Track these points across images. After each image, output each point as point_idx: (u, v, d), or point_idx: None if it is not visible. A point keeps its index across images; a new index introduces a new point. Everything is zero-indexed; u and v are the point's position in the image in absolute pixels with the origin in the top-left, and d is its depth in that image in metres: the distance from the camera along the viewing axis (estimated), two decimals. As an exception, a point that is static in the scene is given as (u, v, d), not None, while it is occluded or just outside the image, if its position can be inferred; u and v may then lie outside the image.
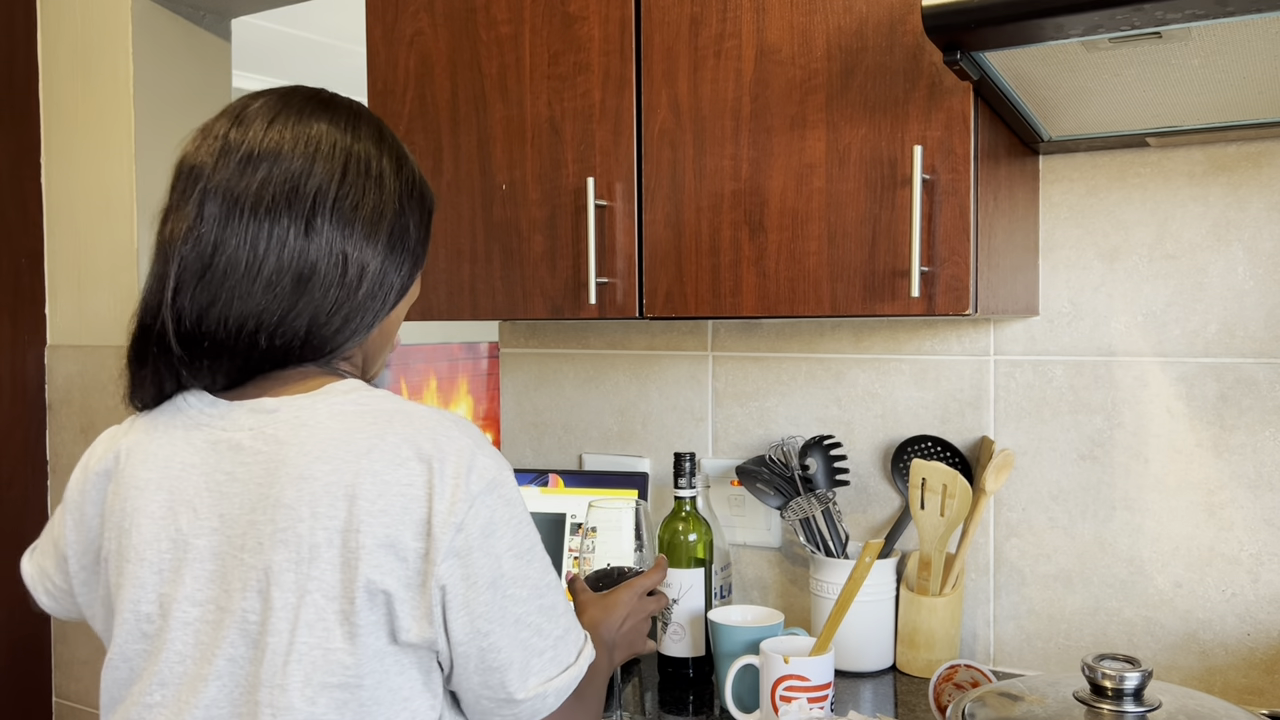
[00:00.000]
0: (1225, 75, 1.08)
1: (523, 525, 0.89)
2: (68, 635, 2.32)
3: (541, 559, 0.90)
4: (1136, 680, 0.96)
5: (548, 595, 0.90)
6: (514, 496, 0.88)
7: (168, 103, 2.21)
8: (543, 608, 0.89)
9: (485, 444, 0.89)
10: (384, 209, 0.92)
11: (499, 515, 0.86)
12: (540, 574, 0.89)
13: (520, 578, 0.87)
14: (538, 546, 0.90)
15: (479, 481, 0.85)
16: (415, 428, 0.86)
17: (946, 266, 1.20)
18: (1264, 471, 1.39)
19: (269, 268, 0.87)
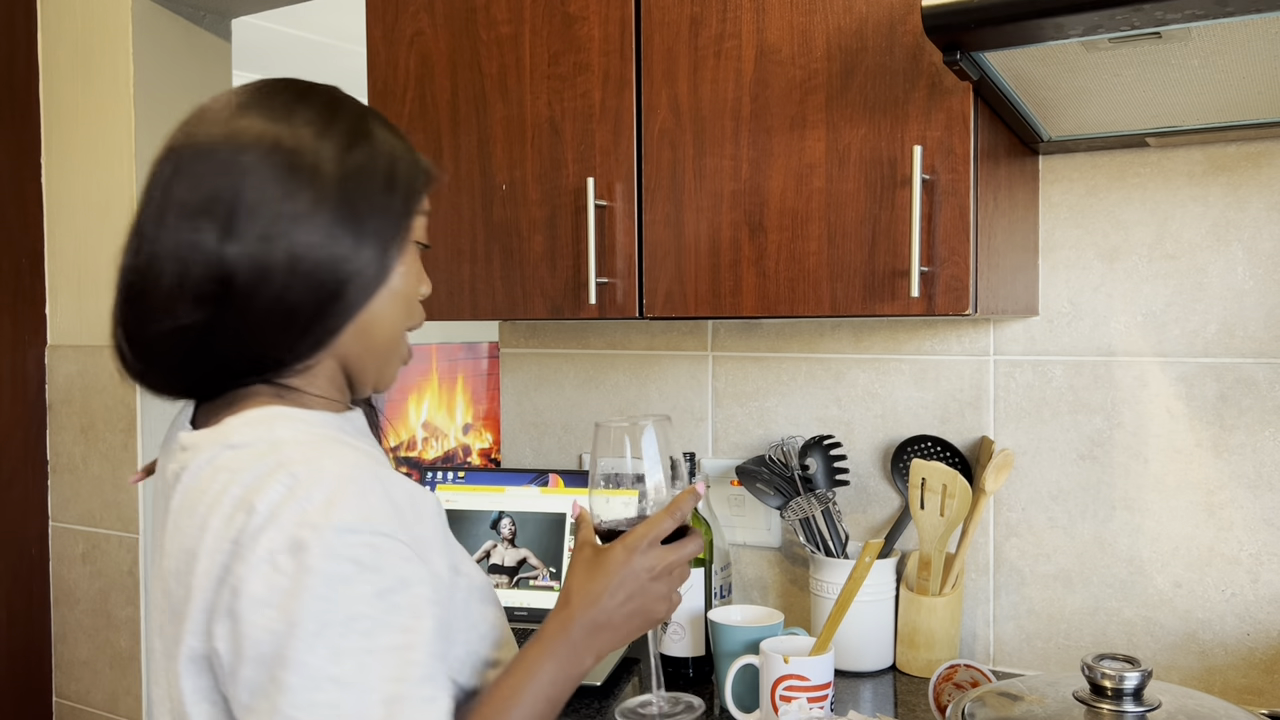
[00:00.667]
0: (1225, 75, 1.08)
1: (321, 599, 0.73)
2: (68, 635, 2.32)
3: (331, 643, 0.73)
4: (1136, 680, 0.96)
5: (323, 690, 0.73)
6: (315, 564, 0.74)
7: (168, 103, 2.21)
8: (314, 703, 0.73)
9: (311, 493, 0.76)
10: (323, 199, 0.83)
11: (283, 584, 0.74)
12: (325, 662, 0.73)
13: (298, 663, 0.73)
14: (339, 625, 0.73)
15: (268, 542, 0.75)
16: (245, 483, 0.79)
17: (946, 266, 1.20)
18: (1264, 471, 1.39)
19: (192, 278, 0.81)
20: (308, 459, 0.78)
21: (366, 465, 0.80)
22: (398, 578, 0.76)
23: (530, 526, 1.75)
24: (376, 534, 0.76)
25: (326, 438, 0.83)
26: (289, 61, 4.56)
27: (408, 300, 0.91)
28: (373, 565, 0.75)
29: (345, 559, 0.74)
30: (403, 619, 0.76)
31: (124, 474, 2.19)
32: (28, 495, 2.30)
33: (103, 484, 2.22)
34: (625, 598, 0.87)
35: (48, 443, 2.33)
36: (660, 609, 0.89)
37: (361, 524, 0.76)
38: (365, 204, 0.85)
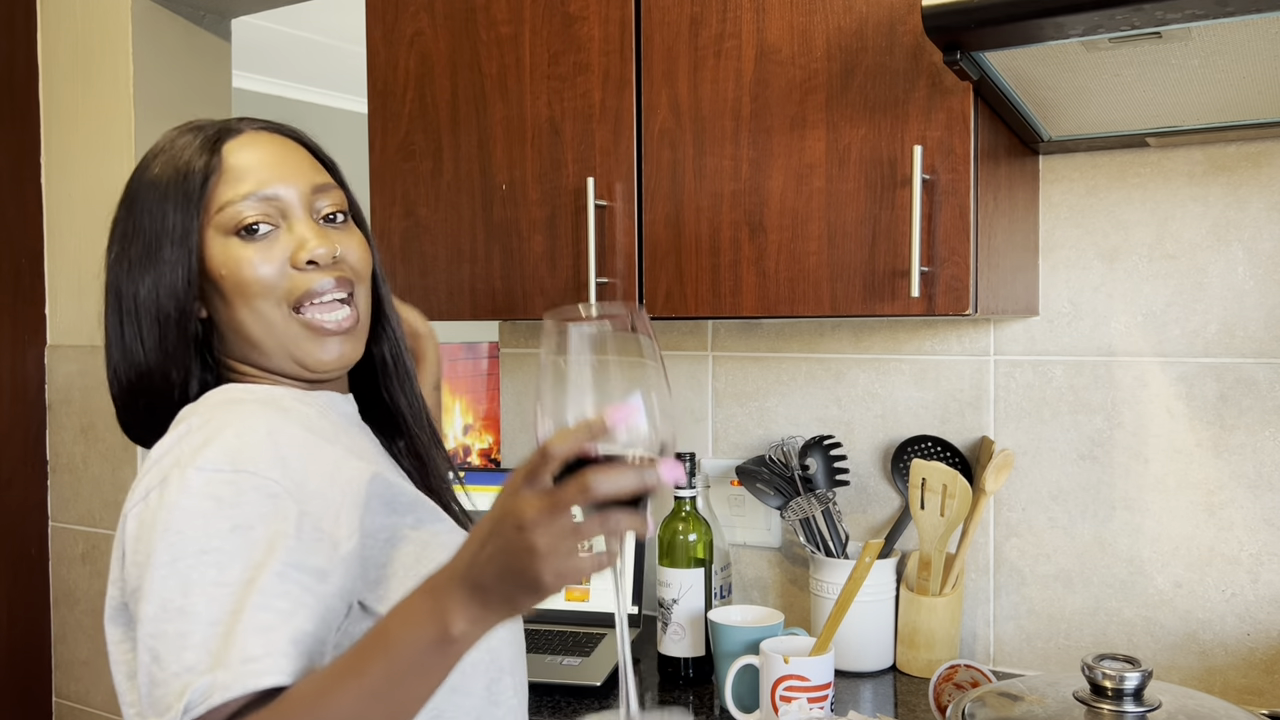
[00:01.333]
0: (1225, 75, 1.08)
1: (175, 532, 0.77)
2: (67, 635, 2.32)
3: (182, 574, 0.75)
4: (1136, 680, 0.96)
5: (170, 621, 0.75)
6: (173, 499, 0.78)
7: (168, 103, 2.20)
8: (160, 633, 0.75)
9: (193, 438, 0.82)
10: (115, 218, 0.95)
11: (148, 518, 0.79)
12: (175, 593, 0.75)
13: (151, 593, 0.76)
14: (190, 557, 0.76)
15: (146, 481, 0.82)
16: (162, 441, 0.86)
17: (946, 266, 1.20)
18: (1264, 471, 1.39)
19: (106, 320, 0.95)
20: (210, 413, 0.84)
21: (267, 418, 0.84)
22: (257, 514, 0.78)
23: (530, 526, 1.74)
24: (240, 472, 0.79)
25: (253, 399, 0.89)
26: (289, 61, 4.56)
27: (244, 289, 0.91)
28: (231, 501, 0.78)
29: (204, 495, 0.77)
30: (255, 554, 0.77)
31: (124, 474, 2.19)
32: (27, 495, 2.30)
33: (102, 484, 2.22)
34: (494, 551, 0.68)
35: (47, 443, 2.33)
36: (537, 570, 0.66)
37: (225, 463, 0.79)
38: (135, 203, 0.93)
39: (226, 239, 0.91)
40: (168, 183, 0.91)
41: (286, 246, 0.92)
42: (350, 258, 0.95)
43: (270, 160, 0.93)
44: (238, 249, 0.91)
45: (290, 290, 0.91)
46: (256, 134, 0.95)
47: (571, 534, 0.66)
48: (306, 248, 0.91)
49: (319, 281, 0.92)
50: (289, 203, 0.93)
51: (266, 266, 0.91)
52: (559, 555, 0.66)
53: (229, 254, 0.91)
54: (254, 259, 0.91)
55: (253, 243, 0.91)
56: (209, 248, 0.91)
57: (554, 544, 0.66)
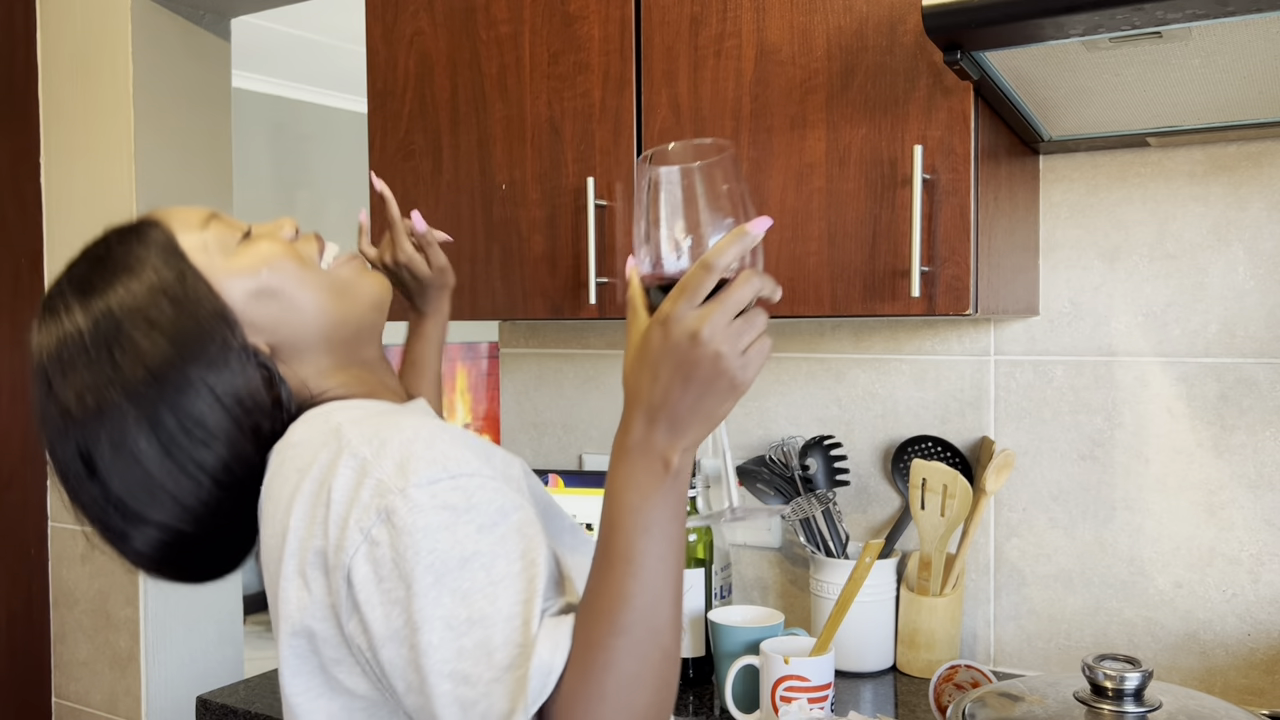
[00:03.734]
0: (1225, 75, 1.08)
1: (428, 553, 0.76)
2: (67, 635, 2.32)
3: (454, 589, 0.74)
4: (1137, 681, 0.96)
5: None
6: (408, 524, 0.77)
7: (168, 103, 2.20)
8: None
9: (385, 463, 0.80)
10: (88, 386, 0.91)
11: (384, 554, 0.79)
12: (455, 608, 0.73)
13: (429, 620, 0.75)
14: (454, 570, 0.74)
15: (355, 521, 0.80)
16: (315, 477, 0.81)
17: (947, 266, 1.20)
18: (1264, 471, 1.39)
19: None
20: (367, 436, 0.77)
21: (431, 423, 0.78)
22: (495, 509, 0.74)
23: (530, 527, 1.74)
24: (458, 476, 0.74)
25: (383, 411, 0.83)
26: (289, 61, 4.56)
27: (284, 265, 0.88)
28: (466, 506, 0.73)
29: (437, 508, 0.72)
30: (512, 545, 0.73)
31: (124, 474, 2.19)
32: (27, 496, 2.30)
33: (102, 484, 2.22)
34: (681, 380, 0.70)
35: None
36: (729, 372, 0.70)
37: (440, 472, 0.74)
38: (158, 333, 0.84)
39: (232, 253, 0.88)
40: (149, 280, 0.85)
41: (269, 230, 0.91)
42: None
43: (179, 207, 0.93)
44: (248, 249, 0.88)
45: (309, 256, 0.91)
46: (148, 212, 0.93)
47: (747, 328, 0.70)
48: (283, 225, 0.91)
49: (314, 241, 0.92)
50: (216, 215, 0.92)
51: (277, 242, 0.90)
52: (745, 353, 0.70)
53: (246, 257, 0.87)
54: (268, 245, 0.89)
55: (251, 241, 0.89)
56: (222, 276, 0.86)
57: (737, 344, 0.70)
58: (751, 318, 0.71)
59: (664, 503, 0.72)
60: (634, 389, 0.72)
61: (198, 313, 0.84)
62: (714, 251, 0.70)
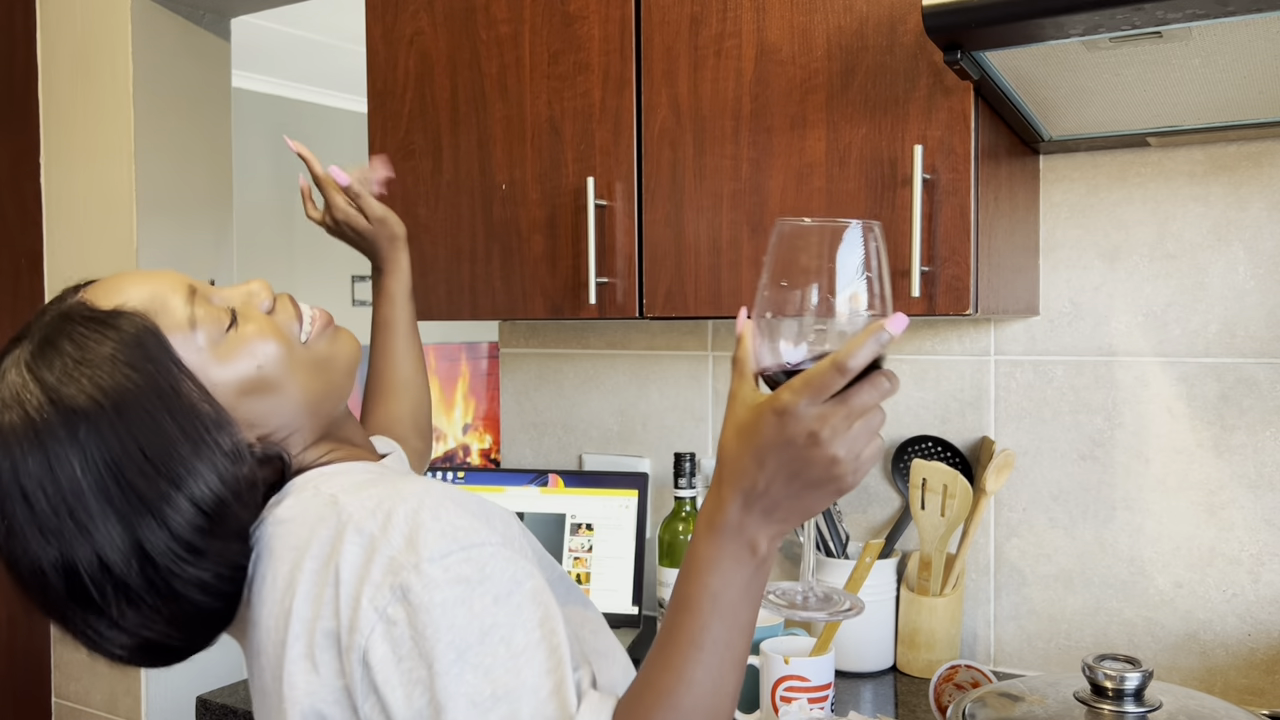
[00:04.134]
0: (1226, 75, 1.08)
1: (448, 629, 0.75)
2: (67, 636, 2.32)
3: (475, 665, 0.73)
4: (1137, 681, 0.95)
5: None
6: (424, 601, 0.74)
7: (168, 102, 2.20)
8: None
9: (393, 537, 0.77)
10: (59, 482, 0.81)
11: (402, 633, 0.77)
12: (479, 684, 0.73)
13: (454, 697, 0.73)
14: (475, 646, 0.74)
15: (368, 600, 0.77)
16: (317, 555, 0.79)
17: (947, 266, 1.20)
18: (1265, 471, 1.39)
19: None
20: (370, 509, 0.74)
21: (428, 488, 0.76)
22: (509, 579, 0.73)
23: (530, 527, 1.74)
24: (468, 548, 0.73)
25: (373, 479, 0.81)
26: (289, 61, 4.56)
27: (272, 354, 0.84)
28: (479, 577, 0.72)
29: (451, 583, 0.71)
30: (529, 614, 0.73)
31: (124, 474, 2.19)
32: (27, 495, 2.30)
33: (102, 484, 2.22)
34: (788, 474, 0.68)
35: (47, 443, 2.32)
36: (841, 476, 0.68)
37: (451, 544, 0.72)
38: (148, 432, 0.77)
39: (219, 346, 0.81)
40: (124, 382, 0.76)
41: (252, 307, 0.85)
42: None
43: (146, 274, 0.84)
44: (237, 339, 0.82)
45: (288, 329, 0.86)
46: (106, 282, 0.84)
47: (866, 434, 0.68)
48: (258, 293, 0.86)
49: (290, 308, 0.88)
50: (201, 287, 0.85)
51: (264, 326, 0.84)
52: (862, 455, 0.68)
53: (236, 349, 0.82)
54: (257, 330, 0.83)
55: (238, 327, 0.83)
56: (213, 374, 0.80)
57: (853, 448, 0.68)
58: (871, 420, 0.68)
59: (746, 591, 0.71)
60: (735, 468, 0.70)
61: (187, 422, 0.77)
62: (848, 351, 0.65)
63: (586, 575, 1.69)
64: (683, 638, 0.71)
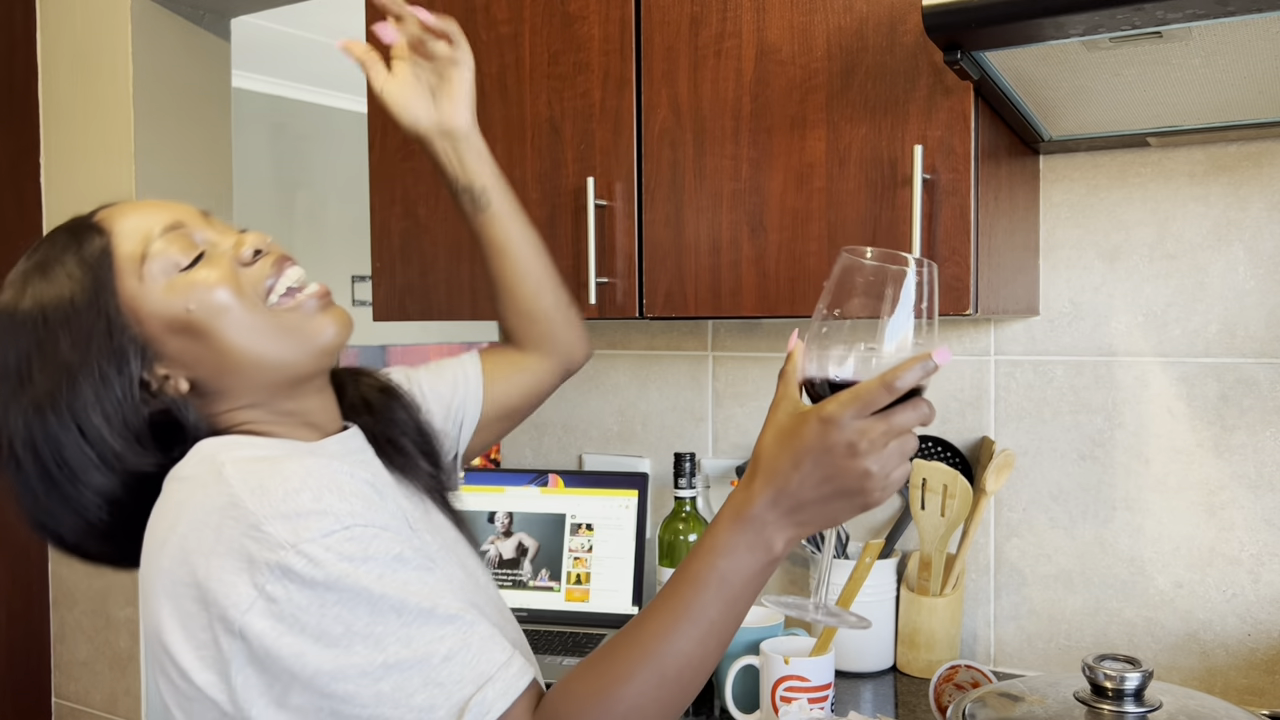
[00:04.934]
0: (1226, 75, 1.08)
1: (334, 604, 0.76)
2: (67, 636, 2.32)
3: (365, 638, 0.75)
4: (1137, 681, 0.95)
5: None
6: (310, 578, 0.75)
7: (167, 102, 2.20)
8: None
9: (276, 522, 0.78)
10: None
11: (283, 609, 0.77)
12: (370, 655, 0.75)
13: (344, 669, 0.76)
14: (363, 620, 0.75)
15: (248, 579, 0.77)
16: (196, 527, 0.80)
17: (947, 266, 1.20)
18: (1265, 471, 1.39)
19: None
20: (252, 486, 0.76)
21: (315, 470, 0.77)
22: (392, 556, 0.75)
23: (530, 527, 1.74)
24: (351, 527, 0.74)
25: (274, 456, 0.81)
26: (289, 61, 4.56)
27: (210, 305, 0.84)
28: (363, 555, 0.74)
29: (335, 560, 0.73)
30: (417, 585, 0.74)
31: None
32: (27, 495, 2.30)
33: (102, 484, 2.22)
34: (820, 478, 0.72)
35: (47, 443, 2.32)
36: (870, 490, 0.72)
37: (333, 524, 0.74)
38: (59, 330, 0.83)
39: (169, 280, 0.84)
40: (62, 293, 0.82)
41: (225, 253, 0.86)
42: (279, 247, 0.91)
43: (151, 205, 0.88)
44: (186, 279, 0.84)
45: (251, 284, 0.86)
46: (117, 205, 0.89)
47: (899, 454, 0.72)
48: (246, 242, 0.87)
49: (273, 266, 0.87)
50: (194, 225, 0.87)
51: (220, 273, 0.85)
52: (892, 474, 0.73)
53: (179, 287, 0.84)
54: (207, 275, 0.85)
55: (195, 268, 0.85)
56: (145, 306, 0.83)
57: (886, 465, 0.72)
58: (905, 443, 0.73)
59: (751, 582, 0.75)
60: (772, 465, 0.74)
61: (97, 342, 0.82)
62: (896, 373, 0.71)
63: (586, 575, 1.69)
64: (680, 608, 0.75)
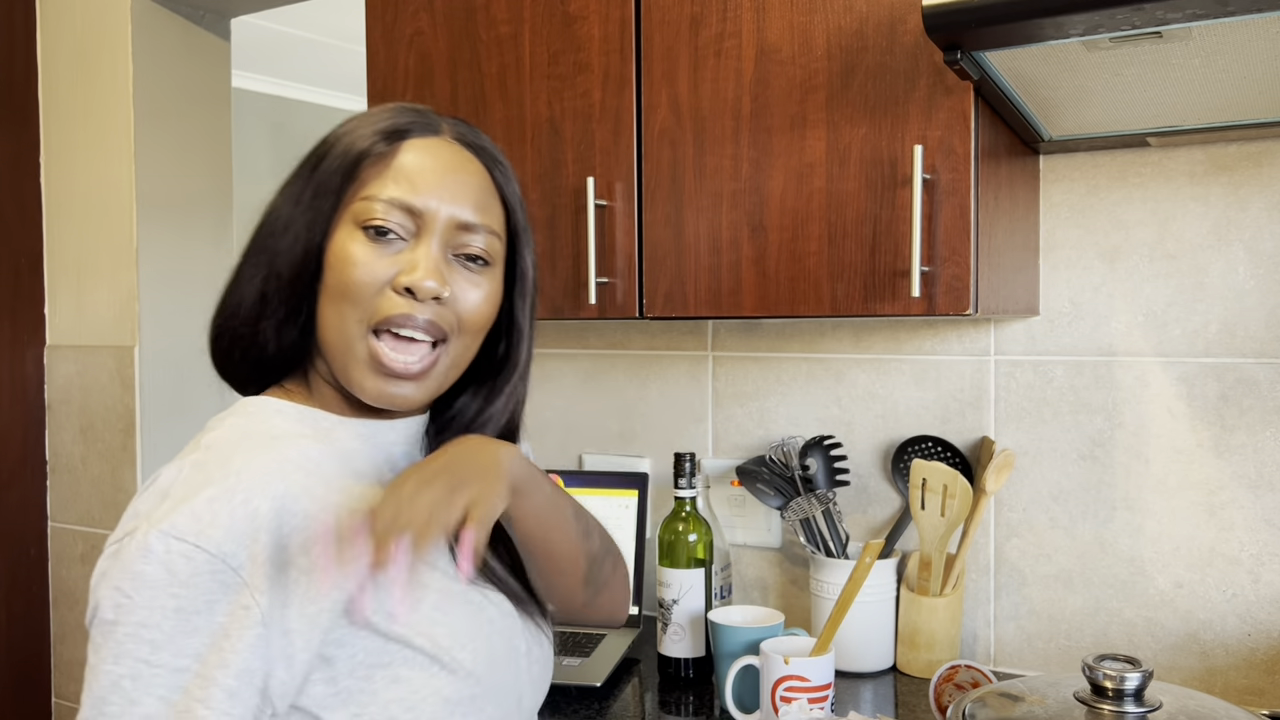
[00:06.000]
0: (1226, 75, 1.08)
1: (122, 594, 0.74)
2: (67, 635, 2.32)
3: (119, 642, 0.73)
4: (1137, 681, 0.95)
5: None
6: (129, 558, 0.74)
7: (167, 102, 2.20)
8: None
9: (178, 488, 0.78)
10: (293, 174, 0.91)
11: (108, 568, 0.76)
12: (111, 659, 0.73)
13: (96, 645, 0.75)
14: (129, 625, 0.73)
15: (121, 526, 0.78)
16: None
17: (947, 266, 1.20)
18: (1265, 472, 1.39)
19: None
20: (208, 458, 0.79)
21: (261, 475, 0.78)
22: (206, 601, 0.73)
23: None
24: (202, 549, 0.73)
25: (268, 434, 0.84)
26: (289, 61, 4.56)
27: (341, 287, 0.84)
28: (184, 580, 0.73)
29: (157, 562, 0.73)
30: (196, 643, 0.73)
31: (123, 474, 2.19)
32: (26, 496, 2.30)
33: (102, 484, 2.22)
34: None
35: (46, 443, 2.33)
36: None
37: (190, 533, 0.74)
38: (305, 176, 0.88)
39: (353, 230, 0.84)
40: (344, 149, 0.86)
41: (398, 264, 0.84)
42: (461, 305, 0.86)
43: (438, 170, 0.86)
44: (356, 245, 0.84)
45: (376, 309, 0.83)
46: (444, 142, 0.89)
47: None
48: (412, 273, 0.83)
49: (405, 312, 0.83)
50: (429, 221, 0.85)
51: (370, 273, 0.83)
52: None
53: (346, 247, 0.84)
54: (363, 260, 0.84)
55: (374, 244, 0.84)
56: (337, 230, 0.85)
57: None
58: None
59: None
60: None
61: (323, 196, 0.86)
62: None
63: (586, 575, 1.69)
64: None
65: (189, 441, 0.87)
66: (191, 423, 2.21)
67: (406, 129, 0.87)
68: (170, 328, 2.21)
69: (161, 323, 2.19)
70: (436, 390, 0.88)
